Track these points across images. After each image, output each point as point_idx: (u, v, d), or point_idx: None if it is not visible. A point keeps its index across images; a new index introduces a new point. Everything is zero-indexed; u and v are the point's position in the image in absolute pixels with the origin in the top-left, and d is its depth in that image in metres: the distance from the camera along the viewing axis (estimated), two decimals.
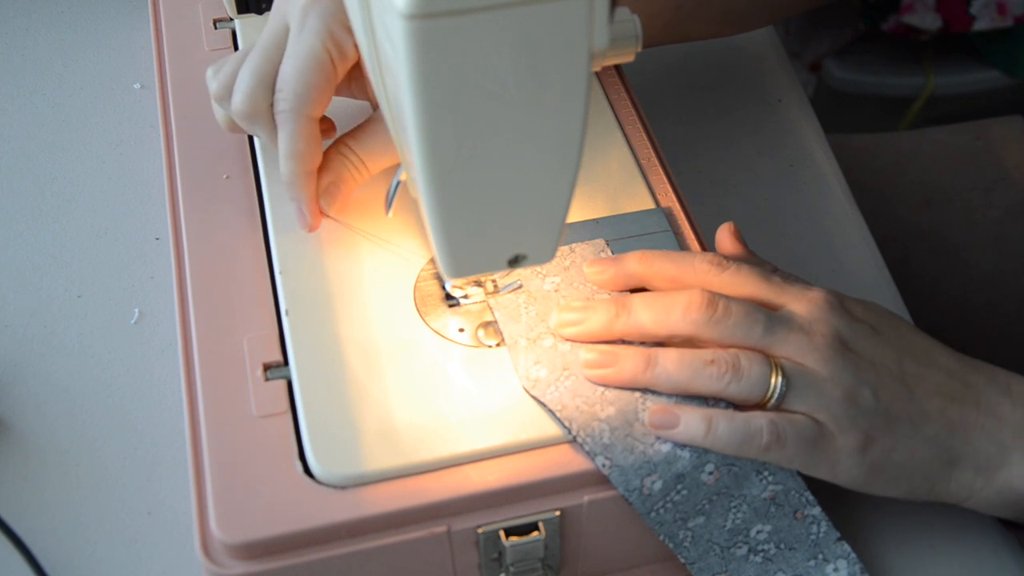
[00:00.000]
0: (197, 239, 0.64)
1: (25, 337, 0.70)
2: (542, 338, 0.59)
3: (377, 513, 0.54)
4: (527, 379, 0.57)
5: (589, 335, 0.58)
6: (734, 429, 0.54)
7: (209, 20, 0.76)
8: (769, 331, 0.56)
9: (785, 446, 0.54)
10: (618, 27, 0.54)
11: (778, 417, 0.55)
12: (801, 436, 0.55)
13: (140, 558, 0.62)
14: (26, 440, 0.66)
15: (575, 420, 0.56)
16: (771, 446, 0.54)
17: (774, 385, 0.55)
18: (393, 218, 0.64)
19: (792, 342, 0.56)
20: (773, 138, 0.85)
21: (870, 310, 0.59)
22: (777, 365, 0.55)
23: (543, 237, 0.53)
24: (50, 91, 0.84)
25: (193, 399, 0.58)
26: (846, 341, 0.56)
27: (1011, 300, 0.96)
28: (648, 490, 0.54)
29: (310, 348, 0.59)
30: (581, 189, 0.64)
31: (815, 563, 0.57)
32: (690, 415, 0.55)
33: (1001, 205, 0.99)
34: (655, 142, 0.70)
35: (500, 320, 0.60)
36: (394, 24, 0.42)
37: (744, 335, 0.56)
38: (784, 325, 0.56)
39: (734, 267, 0.58)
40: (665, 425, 0.55)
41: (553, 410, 0.56)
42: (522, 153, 0.48)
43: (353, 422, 0.56)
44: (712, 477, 0.55)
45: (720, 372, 0.55)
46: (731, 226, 0.63)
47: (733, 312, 0.56)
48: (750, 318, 0.56)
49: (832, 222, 0.79)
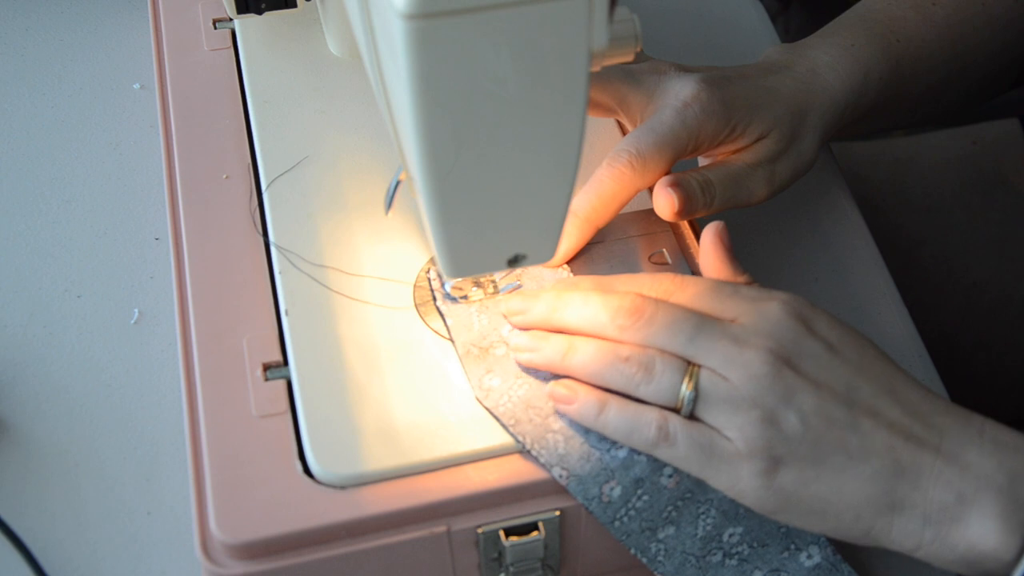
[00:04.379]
0: (197, 239, 0.64)
1: (25, 337, 0.70)
2: (495, 347, 0.59)
3: (377, 513, 0.54)
4: (480, 389, 0.57)
5: (529, 324, 0.58)
6: (623, 417, 0.54)
7: (209, 20, 0.76)
8: (694, 340, 0.54)
9: (675, 446, 0.53)
10: (618, 27, 0.54)
11: (675, 418, 0.53)
12: (695, 442, 0.53)
13: (140, 558, 0.62)
14: (26, 440, 0.66)
15: (528, 433, 0.55)
16: (659, 442, 0.53)
17: (683, 394, 0.53)
18: (393, 218, 0.64)
19: (718, 353, 0.53)
20: None
21: (836, 328, 0.55)
22: (694, 374, 0.53)
23: (543, 237, 0.53)
24: (50, 91, 0.84)
25: (193, 399, 0.58)
26: (790, 358, 0.53)
27: (1013, 304, 0.96)
28: (607, 497, 0.54)
29: (310, 348, 0.59)
30: None
31: (788, 554, 0.56)
32: (587, 394, 0.55)
33: (1001, 209, 0.99)
34: None
35: (452, 328, 0.59)
36: (393, 24, 0.43)
37: (666, 342, 0.54)
38: (712, 335, 0.54)
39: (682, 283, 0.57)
40: (563, 399, 0.55)
41: (506, 424, 0.56)
42: (522, 153, 0.48)
43: (353, 422, 0.56)
44: (672, 480, 0.54)
45: (632, 371, 0.54)
46: (717, 229, 0.60)
47: (659, 318, 0.55)
48: (675, 326, 0.54)
49: (832, 222, 0.79)
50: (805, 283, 0.73)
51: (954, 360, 0.90)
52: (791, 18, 1.50)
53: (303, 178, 0.66)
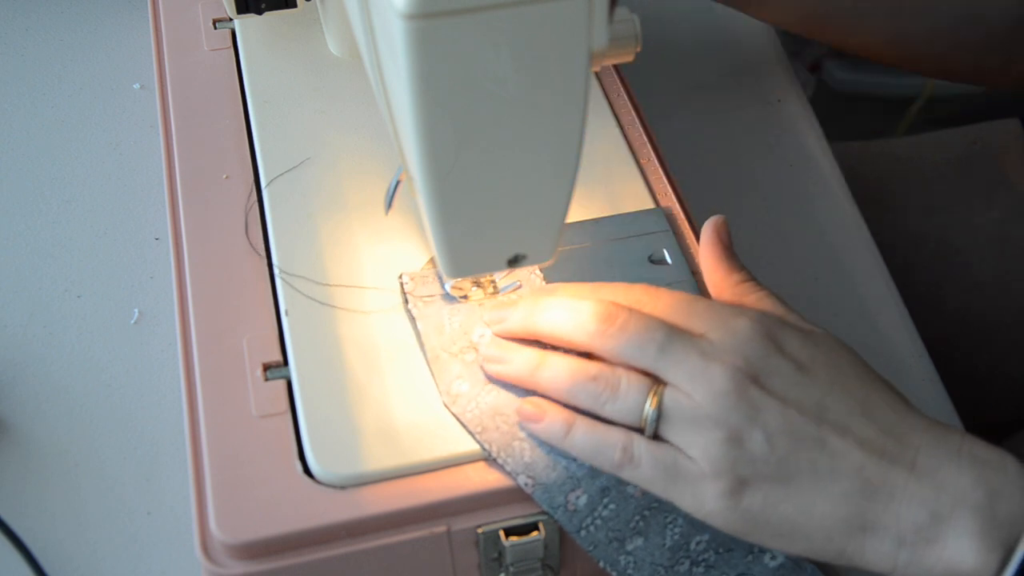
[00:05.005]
0: (197, 239, 0.64)
1: (25, 337, 0.70)
2: (464, 352, 0.58)
3: (377, 513, 0.54)
4: (447, 395, 0.57)
5: (508, 333, 0.58)
6: (588, 438, 0.53)
7: (209, 20, 0.76)
8: (663, 354, 0.53)
9: (639, 467, 0.52)
10: (618, 27, 0.54)
11: (640, 439, 0.53)
12: (659, 463, 0.52)
13: (140, 558, 0.62)
14: (26, 440, 0.66)
15: (495, 441, 0.55)
16: (623, 464, 0.53)
17: (647, 413, 0.52)
18: (393, 218, 0.64)
19: (684, 369, 0.52)
20: (773, 138, 0.85)
21: (808, 345, 0.54)
22: (657, 392, 0.52)
23: (543, 237, 0.53)
24: (50, 91, 0.84)
25: (193, 399, 0.58)
26: (757, 376, 0.52)
27: (1014, 303, 0.95)
28: (573, 506, 0.54)
29: (310, 348, 0.59)
30: (581, 189, 0.63)
31: (752, 557, 0.56)
32: (555, 414, 0.54)
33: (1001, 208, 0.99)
34: (655, 142, 0.70)
35: (422, 332, 0.59)
36: (393, 24, 0.43)
37: (635, 355, 0.53)
38: (681, 349, 0.53)
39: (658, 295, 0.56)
40: (531, 417, 0.55)
41: (473, 431, 0.55)
42: (522, 153, 0.48)
43: (353, 422, 0.56)
44: (639, 489, 0.54)
45: (599, 390, 0.53)
46: (715, 224, 0.59)
47: (629, 329, 0.54)
48: (645, 337, 0.53)
49: (832, 222, 0.79)
50: (805, 283, 0.73)
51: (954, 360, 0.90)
52: None
53: (303, 178, 0.66)
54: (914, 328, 0.73)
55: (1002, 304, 0.96)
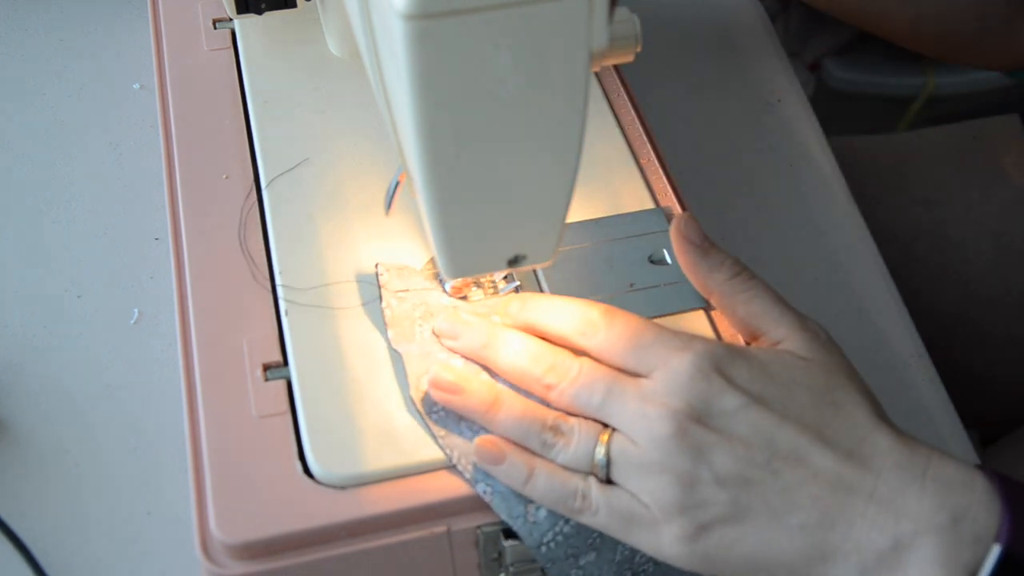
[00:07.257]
0: (197, 239, 0.64)
1: (25, 337, 0.70)
2: (435, 355, 0.58)
3: (377, 513, 0.54)
4: (416, 390, 0.57)
5: (460, 352, 0.57)
6: (551, 486, 0.53)
7: (209, 20, 0.76)
8: (606, 403, 0.53)
9: (596, 514, 0.52)
10: (618, 27, 0.54)
11: (596, 486, 0.52)
12: (613, 509, 0.52)
13: (140, 558, 0.62)
14: (26, 440, 0.66)
15: (457, 447, 0.55)
16: (583, 511, 0.52)
17: (597, 459, 0.52)
18: (392, 218, 0.64)
19: (628, 416, 0.52)
20: (773, 138, 0.85)
21: (761, 375, 0.52)
22: (607, 440, 0.52)
23: (543, 237, 0.53)
24: (49, 91, 0.84)
25: (193, 399, 0.58)
26: (699, 416, 0.51)
27: (1012, 297, 0.96)
28: (533, 517, 0.53)
29: (310, 348, 0.59)
30: (581, 189, 0.63)
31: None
32: (516, 457, 0.53)
33: (999, 202, 0.99)
34: (655, 142, 0.70)
35: (392, 339, 0.58)
36: (393, 24, 0.43)
37: (583, 404, 0.53)
38: (622, 397, 0.52)
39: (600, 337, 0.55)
40: (489, 460, 0.53)
41: (436, 435, 0.55)
42: (521, 153, 0.48)
43: (353, 422, 0.56)
44: None
45: (551, 439, 0.53)
46: (679, 226, 0.58)
47: (580, 379, 0.53)
48: (592, 387, 0.53)
49: (831, 222, 0.79)
50: (804, 283, 0.74)
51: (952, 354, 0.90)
52: (791, 18, 1.50)
53: (303, 178, 0.66)
54: (914, 328, 0.73)
55: (1000, 296, 0.96)
